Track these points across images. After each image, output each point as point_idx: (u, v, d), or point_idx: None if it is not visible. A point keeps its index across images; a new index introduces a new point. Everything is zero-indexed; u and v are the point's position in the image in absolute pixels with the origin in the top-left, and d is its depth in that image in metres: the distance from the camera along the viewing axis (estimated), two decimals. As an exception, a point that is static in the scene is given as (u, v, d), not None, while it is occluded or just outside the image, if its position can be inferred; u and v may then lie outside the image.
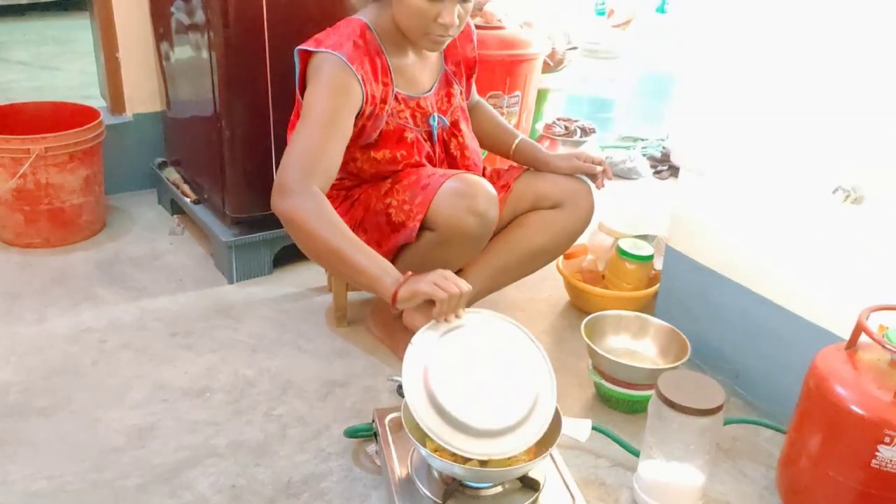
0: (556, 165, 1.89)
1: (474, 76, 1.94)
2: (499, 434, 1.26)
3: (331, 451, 1.55)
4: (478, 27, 2.77)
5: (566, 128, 3.02)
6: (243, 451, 1.54)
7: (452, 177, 1.61)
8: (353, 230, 1.55)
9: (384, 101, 1.67)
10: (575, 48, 3.45)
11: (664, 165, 3.23)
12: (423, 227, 1.63)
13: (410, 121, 1.73)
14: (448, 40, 1.67)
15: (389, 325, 1.91)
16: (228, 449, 1.54)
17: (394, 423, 1.47)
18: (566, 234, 1.87)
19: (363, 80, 1.60)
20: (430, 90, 1.78)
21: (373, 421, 1.51)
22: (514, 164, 1.97)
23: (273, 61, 1.96)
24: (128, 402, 1.67)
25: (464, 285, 1.40)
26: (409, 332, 1.82)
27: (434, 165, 1.79)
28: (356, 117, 1.62)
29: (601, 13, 3.85)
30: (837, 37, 1.46)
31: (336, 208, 1.64)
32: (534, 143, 1.97)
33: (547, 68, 3.12)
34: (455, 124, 1.83)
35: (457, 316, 1.42)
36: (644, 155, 3.33)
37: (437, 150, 1.80)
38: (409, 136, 1.72)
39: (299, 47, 1.64)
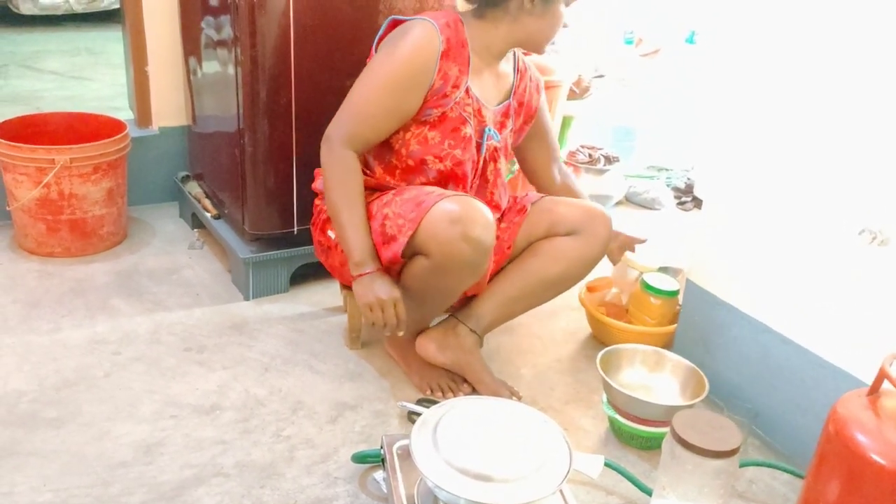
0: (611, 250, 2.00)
1: (527, 127, 1.93)
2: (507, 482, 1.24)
3: (338, 475, 1.53)
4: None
5: (590, 155, 3.01)
6: (250, 472, 1.52)
7: (448, 198, 1.58)
8: None
9: (456, 86, 1.68)
10: (602, 76, 3.44)
11: (688, 197, 3.20)
12: (417, 252, 1.61)
13: (472, 120, 1.72)
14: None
15: (404, 348, 1.89)
16: (235, 469, 1.53)
17: (402, 451, 1.45)
18: (582, 263, 1.83)
19: (444, 53, 1.64)
20: (493, 109, 1.79)
21: (381, 447, 1.49)
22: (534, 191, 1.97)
23: (298, 80, 1.97)
24: (137, 416, 1.66)
25: (391, 320, 1.61)
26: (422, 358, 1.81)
27: (474, 174, 1.78)
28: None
29: (629, 42, 3.84)
30: (866, 78, 1.44)
31: None
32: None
33: (573, 96, 3.11)
34: (497, 151, 1.82)
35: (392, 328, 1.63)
36: (668, 185, 3.30)
37: (481, 163, 1.79)
38: (466, 131, 1.72)
39: (393, 17, 1.71)
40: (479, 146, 1.77)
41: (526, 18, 1.67)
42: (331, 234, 1.78)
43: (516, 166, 2.19)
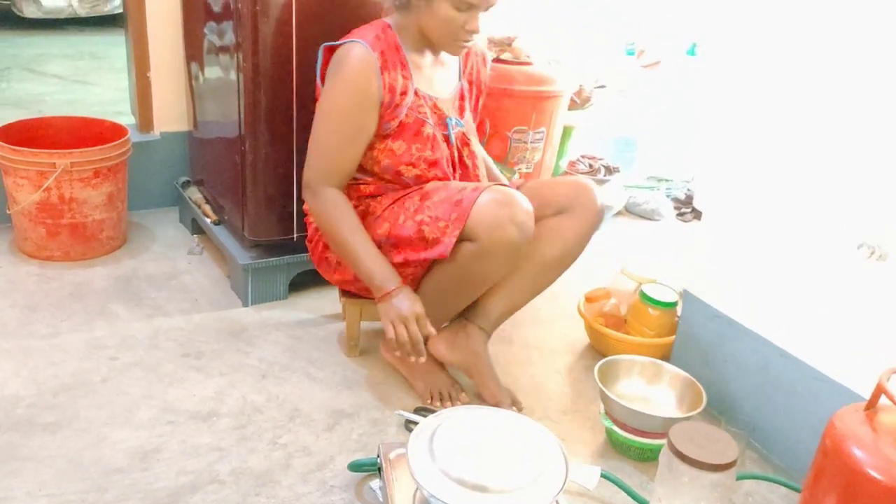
0: None
1: (481, 101, 1.98)
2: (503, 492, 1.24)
3: (334, 483, 1.53)
4: (506, 62, 2.78)
5: (590, 165, 3.02)
6: (246, 480, 1.52)
7: (487, 189, 1.64)
8: (380, 245, 1.71)
9: (404, 92, 1.72)
10: (603, 87, 3.45)
11: (688, 208, 3.20)
12: (461, 239, 1.64)
13: (430, 117, 1.76)
14: (470, 45, 1.75)
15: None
16: (231, 476, 1.53)
17: (398, 460, 1.44)
18: (577, 240, 1.81)
19: (382, 67, 1.67)
20: (447, 97, 1.83)
21: (378, 455, 1.49)
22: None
23: (300, 88, 1.97)
24: (134, 422, 1.66)
25: (415, 336, 1.63)
26: (428, 362, 1.82)
27: (452, 166, 1.82)
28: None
29: (631, 53, 3.85)
30: (866, 93, 1.44)
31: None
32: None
33: (573, 105, 3.12)
34: (465, 135, 1.87)
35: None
36: (668, 196, 3.30)
37: (455, 152, 1.83)
38: (427, 130, 1.75)
39: (325, 44, 1.74)
40: (447, 138, 1.80)
41: (420, 12, 1.69)
42: None
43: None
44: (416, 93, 1.74)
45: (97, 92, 4.22)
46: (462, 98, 1.88)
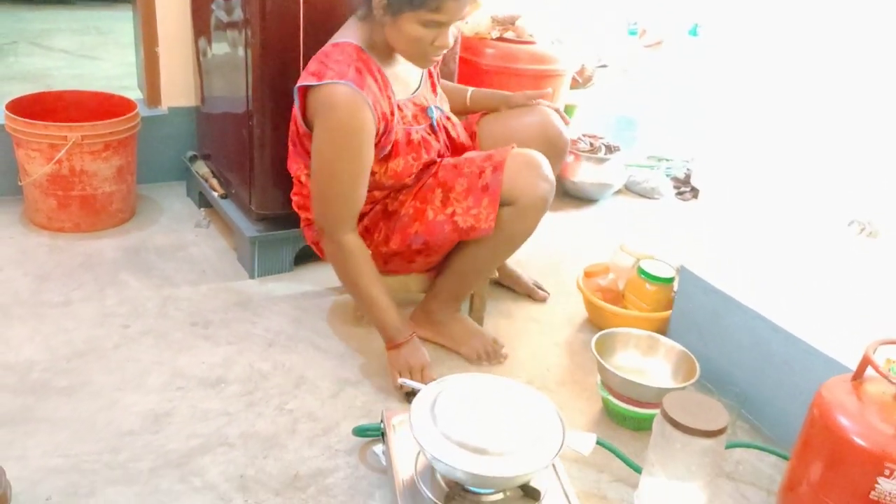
0: (512, 97, 2.03)
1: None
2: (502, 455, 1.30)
3: (339, 447, 1.59)
4: (509, 41, 2.81)
5: (591, 144, 3.05)
6: (254, 443, 1.58)
7: (508, 157, 1.74)
8: (408, 245, 1.82)
9: (392, 113, 1.73)
10: (605, 66, 3.48)
11: (687, 187, 3.23)
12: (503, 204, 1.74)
13: (413, 121, 1.80)
14: (439, 58, 1.74)
15: (440, 324, 1.97)
16: (240, 439, 1.58)
17: (401, 425, 1.50)
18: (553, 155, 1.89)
19: (374, 103, 1.65)
20: (419, 86, 1.86)
21: (381, 421, 1.54)
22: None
23: (307, 63, 2.00)
24: (145, 387, 1.72)
25: (419, 384, 1.63)
26: (465, 326, 1.96)
27: (444, 147, 1.89)
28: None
29: (633, 33, 3.87)
30: (861, 77, 1.48)
31: (378, 225, 1.85)
32: (485, 89, 2.09)
33: (575, 85, 3.15)
34: (443, 113, 1.93)
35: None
36: (668, 175, 3.34)
37: (442, 138, 1.89)
38: (415, 136, 1.79)
39: (300, 84, 1.68)
40: (432, 127, 1.86)
41: (385, 26, 1.67)
42: None
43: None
44: (398, 107, 1.76)
45: (104, 67, 4.24)
46: (431, 78, 1.91)
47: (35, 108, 2.40)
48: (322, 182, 1.71)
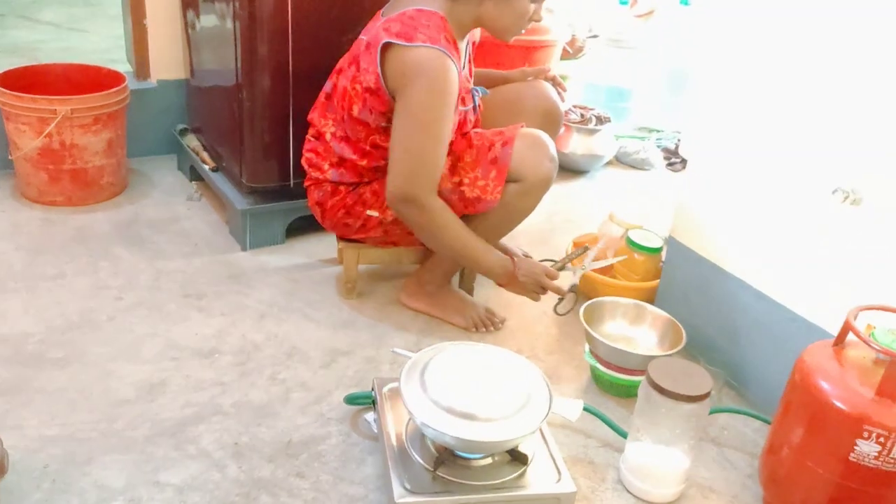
0: (511, 76, 2.11)
1: None
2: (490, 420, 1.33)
3: (331, 416, 1.61)
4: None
5: (582, 115, 3.05)
6: (247, 411, 1.60)
7: (517, 137, 1.78)
8: None
9: (463, 89, 1.77)
10: (596, 37, 3.47)
11: (677, 158, 3.25)
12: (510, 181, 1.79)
13: (459, 101, 1.79)
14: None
15: (432, 296, 2.00)
16: (233, 408, 1.61)
17: (392, 393, 1.52)
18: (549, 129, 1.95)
19: (459, 73, 1.70)
20: (464, 67, 1.86)
21: (372, 389, 1.57)
22: None
23: (296, 35, 2.00)
24: (140, 358, 1.74)
25: (556, 288, 1.85)
26: (457, 297, 2.00)
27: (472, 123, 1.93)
28: None
29: (624, 3, 3.85)
30: (844, 44, 1.49)
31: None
32: (485, 70, 2.12)
33: (566, 55, 3.15)
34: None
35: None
36: (658, 146, 3.35)
37: (472, 115, 1.93)
38: (458, 116, 1.81)
39: (386, 40, 1.65)
40: (474, 108, 1.90)
41: (490, 5, 1.71)
42: (370, 212, 1.87)
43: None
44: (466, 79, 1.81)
45: (93, 40, 4.20)
46: (470, 62, 1.93)
47: (23, 81, 2.39)
48: (413, 144, 1.68)
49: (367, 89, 1.72)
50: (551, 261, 1.97)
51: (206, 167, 2.41)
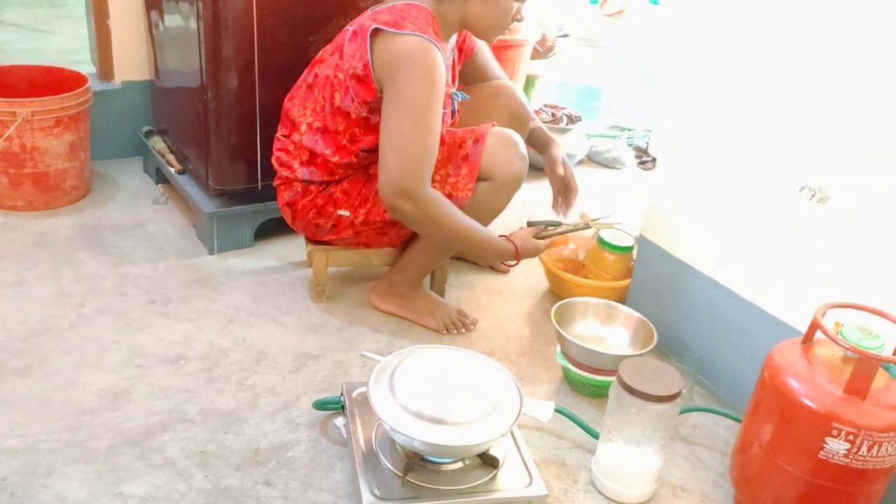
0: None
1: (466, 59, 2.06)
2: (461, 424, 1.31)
3: (300, 421, 1.59)
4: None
5: (553, 115, 3.05)
6: (214, 419, 1.57)
7: (488, 134, 1.78)
8: (384, 213, 1.80)
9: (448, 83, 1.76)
10: (566, 36, 3.47)
11: (649, 156, 3.26)
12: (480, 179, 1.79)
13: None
14: None
15: (403, 297, 1.98)
16: (199, 416, 1.58)
17: (361, 397, 1.50)
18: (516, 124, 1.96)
19: (445, 66, 1.69)
20: (447, 72, 1.84)
21: (341, 394, 1.55)
22: None
23: (261, 36, 1.97)
24: (103, 365, 1.70)
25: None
26: (429, 298, 1.98)
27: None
28: None
29: (594, 2, 3.86)
30: (811, 44, 1.49)
31: (359, 190, 1.83)
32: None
33: (536, 55, 3.14)
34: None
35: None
36: (630, 145, 3.36)
37: (452, 121, 1.93)
38: (444, 111, 1.79)
39: (375, 27, 1.64)
40: (453, 112, 1.89)
41: (474, 1, 1.71)
42: (341, 212, 1.85)
43: None
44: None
45: (57, 41, 4.14)
46: (454, 67, 1.93)
47: (-18, 83, 2.34)
48: (405, 136, 1.64)
49: (354, 76, 1.69)
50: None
51: (172, 170, 2.37)
